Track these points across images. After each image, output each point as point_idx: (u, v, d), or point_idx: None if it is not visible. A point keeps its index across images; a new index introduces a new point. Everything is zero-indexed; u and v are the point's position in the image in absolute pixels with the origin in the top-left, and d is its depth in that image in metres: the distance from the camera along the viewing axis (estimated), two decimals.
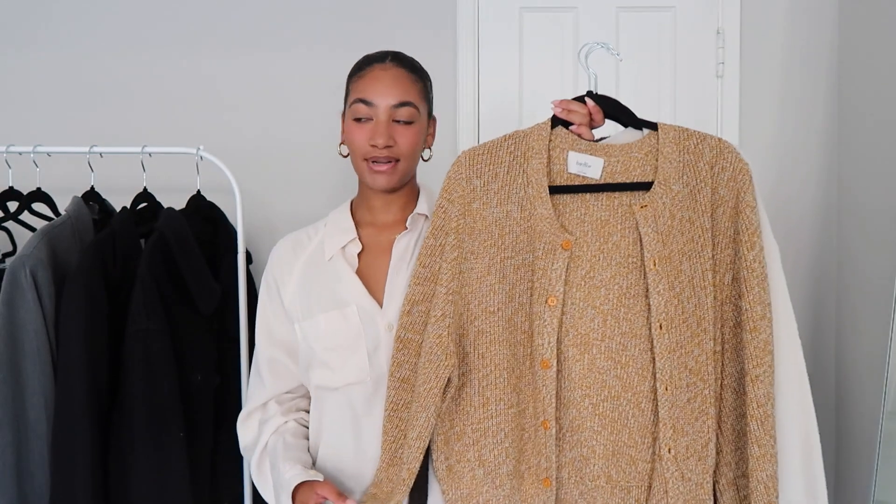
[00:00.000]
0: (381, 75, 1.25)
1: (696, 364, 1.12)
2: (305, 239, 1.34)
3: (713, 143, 1.15)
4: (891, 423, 1.60)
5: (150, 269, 1.48)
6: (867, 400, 1.86)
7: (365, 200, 1.33)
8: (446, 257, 1.17)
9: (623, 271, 1.12)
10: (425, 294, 1.19)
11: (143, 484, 1.43)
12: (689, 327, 1.12)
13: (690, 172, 1.14)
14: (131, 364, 1.45)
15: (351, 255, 1.30)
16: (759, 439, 1.09)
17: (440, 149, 1.41)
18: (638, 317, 1.12)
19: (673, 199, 1.13)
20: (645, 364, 1.12)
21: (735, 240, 1.13)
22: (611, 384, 1.12)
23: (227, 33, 2.07)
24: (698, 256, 1.13)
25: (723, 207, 1.14)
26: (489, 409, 1.17)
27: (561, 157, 1.17)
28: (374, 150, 1.23)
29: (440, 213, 1.19)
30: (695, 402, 1.12)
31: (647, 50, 2.08)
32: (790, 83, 2.09)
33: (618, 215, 1.14)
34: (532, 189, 1.15)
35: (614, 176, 1.15)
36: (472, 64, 2.07)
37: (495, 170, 1.18)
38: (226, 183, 1.62)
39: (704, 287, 1.13)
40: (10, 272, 1.43)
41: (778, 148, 2.10)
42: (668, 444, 1.10)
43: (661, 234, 1.11)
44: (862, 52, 1.96)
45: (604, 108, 1.19)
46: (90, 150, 1.60)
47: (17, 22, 2.06)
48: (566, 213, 1.15)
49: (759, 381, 1.09)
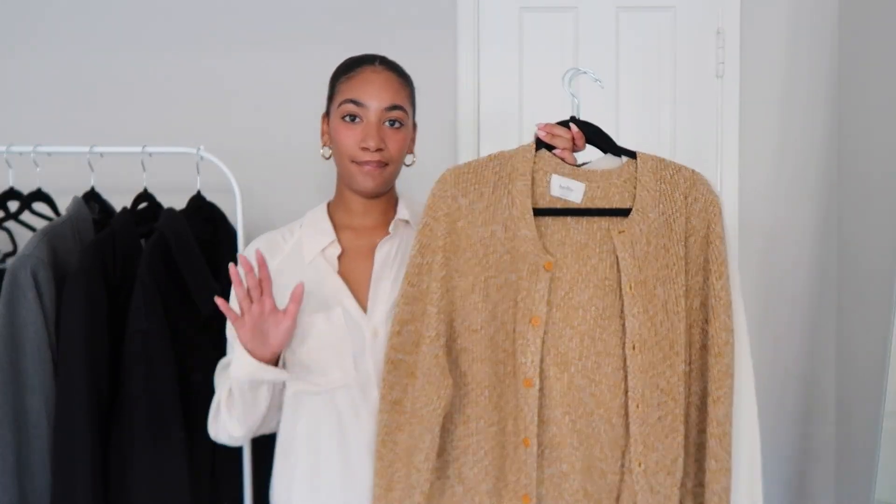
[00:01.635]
0: (373, 77, 1.24)
1: (667, 384, 1.15)
2: (280, 240, 1.32)
3: (687, 175, 1.19)
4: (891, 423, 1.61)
5: (150, 269, 1.48)
6: (867, 400, 1.86)
7: (344, 204, 1.32)
8: (434, 276, 1.17)
9: (600, 293, 1.15)
10: (414, 313, 1.19)
11: (143, 484, 1.43)
12: (661, 349, 1.15)
13: (666, 201, 1.17)
14: (131, 364, 1.45)
15: (331, 257, 1.28)
16: (716, 455, 1.14)
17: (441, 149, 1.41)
18: (612, 337, 1.15)
19: (650, 227, 1.16)
20: (617, 382, 1.15)
21: (705, 268, 1.18)
22: (586, 401, 1.15)
23: (227, 33, 2.07)
24: (672, 282, 1.16)
25: (695, 237, 1.18)
26: (469, 426, 1.18)
27: (544, 179, 1.19)
28: (365, 153, 1.23)
29: (426, 231, 1.19)
30: (665, 419, 1.15)
31: (647, 50, 2.08)
32: (790, 83, 2.09)
33: (597, 239, 1.17)
34: (517, 210, 1.16)
35: (594, 201, 1.18)
36: (472, 64, 2.07)
37: (481, 189, 1.19)
38: (226, 183, 1.62)
39: (677, 312, 1.16)
40: (10, 272, 1.43)
41: (778, 148, 2.10)
42: (639, 458, 1.14)
43: (637, 260, 1.15)
44: (862, 53, 1.96)
45: (586, 133, 1.23)
46: (90, 150, 1.60)
47: (18, 22, 2.06)
48: (548, 234, 1.17)
49: (720, 401, 1.14)
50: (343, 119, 1.25)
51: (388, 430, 1.19)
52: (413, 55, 1.34)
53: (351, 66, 1.28)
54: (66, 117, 2.05)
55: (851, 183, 2.00)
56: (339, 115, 1.25)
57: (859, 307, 1.95)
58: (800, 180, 2.10)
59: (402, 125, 1.26)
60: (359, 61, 1.28)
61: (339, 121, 1.25)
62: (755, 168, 2.09)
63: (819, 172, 2.10)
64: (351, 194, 1.30)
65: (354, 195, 1.29)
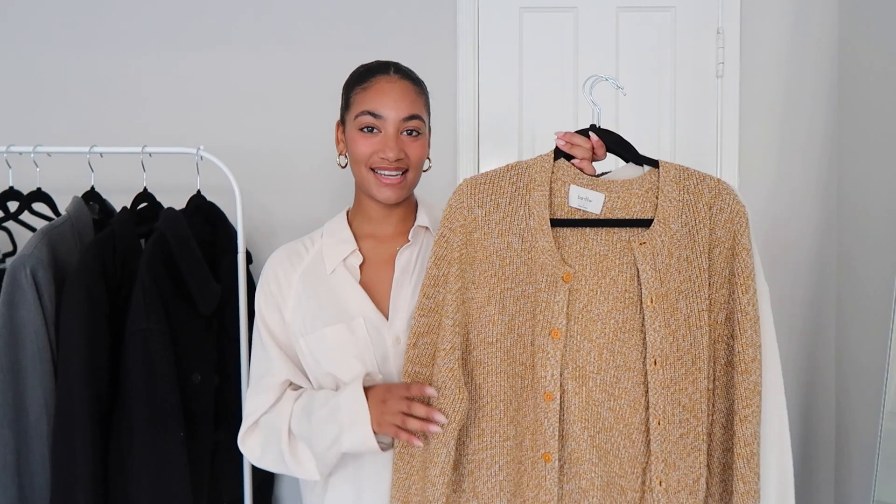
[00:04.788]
0: (388, 88, 1.23)
1: (689, 401, 1.13)
2: (302, 249, 1.32)
3: (712, 184, 1.16)
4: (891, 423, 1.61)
5: (150, 269, 1.48)
6: (867, 400, 1.86)
7: (363, 212, 1.31)
8: (450, 288, 1.16)
9: (619, 306, 1.13)
10: (430, 326, 1.18)
11: (143, 483, 1.43)
12: (683, 364, 1.13)
13: (689, 212, 1.15)
14: (131, 364, 1.45)
15: (353, 266, 1.28)
16: (744, 476, 1.12)
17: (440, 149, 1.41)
18: (632, 351, 1.13)
19: (672, 238, 1.13)
20: (637, 397, 1.13)
21: (730, 281, 1.14)
22: (605, 416, 1.13)
23: (227, 33, 2.07)
24: (695, 296, 1.14)
25: (719, 248, 1.15)
26: (484, 440, 1.17)
27: (562, 189, 1.17)
28: (384, 162, 1.22)
29: (442, 243, 1.18)
30: (687, 437, 1.13)
31: (647, 50, 2.08)
32: (790, 83, 2.09)
33: (616, 250, 1.15)
34: (534, 221, 1.15)
35: (614, 212, 1.16)
36: (472, 64, 2.07)
37: (497, 200, 1.17)
38: (226, 183, 1.62)
39: (700, 326, 1.13)
40: (10, 272, 1.43)
41: (778, 148, 2.10)
42: (660, 476, 1.11)
43: (658, 272, 1.12)
44: (862, 52, 1.96)
45: (606, 142, 1.19)
46: (90, 150, 1.60)
47: (18, 22, 2.06)
48: (566, 246, 1.15)
49: (748, 420, 1.11)
50: (360, 130, 1.23)
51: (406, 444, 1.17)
52: (413, 55, 1.34)
53: (365, 75, 1.26)
54: (66, 117, 2.05)
55: (851, 183, 2.00)
56: (356, 126, 1.24)
57: (859, 307, 1.95)
58: (799, 180, 2.10)
59: (420, 133, 1.25)
60: (373, 70, 1.26)
61: (357, 132, 1.24)
62: (755, 168, 2.09)
63: (819, 172, 2.10)
64: (370, 202, 1.29)
65: (373, 203, 1.28)
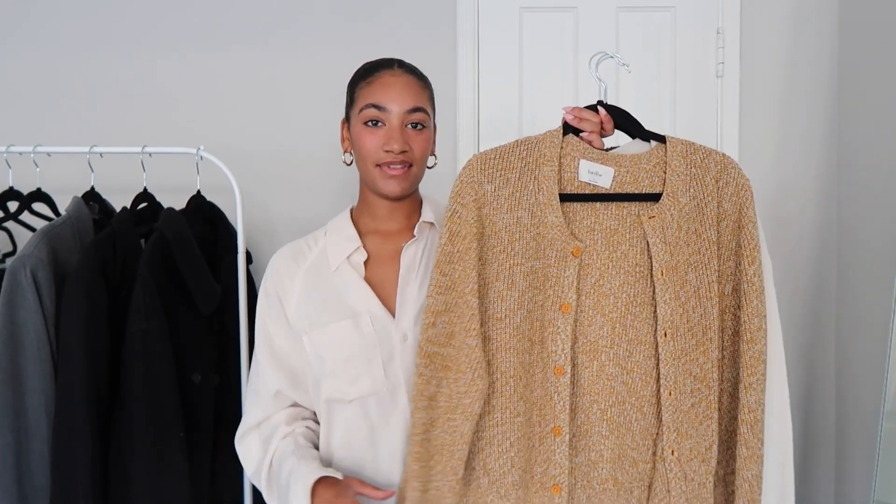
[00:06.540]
0: (393, 81, 1.23)
1: (700, 371, 1.15)
2: (305, 248, 1.31)
3: (718, 159, 1.17)
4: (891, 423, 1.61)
5: (150, 269, 1.48)
6: (867, 400, 1.86)
7: (368, 208, 1.30)
8: (468, 263, 1.15)
9: (631, 280, 1.14)
10: (448, 304, 1.16)
11: (143, 484, 1.43)
12: (693, 335, 1.14)
13: (697, 186, 1.16)
14: (131, 364, 1.45)
15: (357, 263, 1.27)
16: (747, 441, 1.14)
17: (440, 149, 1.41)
18: (644, 324, 1.14)
19: (680, 211, 1.15)
20: (649, 370, 1.14)
21: (737, 252, 1.16)
22: (618, 390, 1.14)
23: (227, 33, 2.07)
24: (704, 267, 1.15)
25: (726, 221, 1.16)
26: (495, 417, 1.16)
27: (572, 164, 1.17)
28: (389, 156, 1.21)
29: (455, 219, 1.17)
30: (699, 406, 1.15)
31: (647, 50, 2.08)
32: (790, 83, 2.09)
33: (626, 225, 1.15)
34: (543, 196, 1.15)
35: (624, 186, 1.16)
36: (472, 64, 2.07)
37: (507, 175, 1.18)
38: (226, 183, 1.62)
39: (710, 297, 1.15)
40: (10, 272, 1.44)
41: (778, 148, 2.10)
42: (672, 446, 1.13)
43: (668, 245, 1.13)
44: (862, 53, 1.96)
45: (614, 118, 1.20)
46: (90, 150, 1.60)
47: (18, 21, 2.06)
48: (576, 220, 1.16)
49: (752, 388, 1.14)
50: (365, 124, 1.23)
51: (426, 429, 1.16)
52: (413, 55, 1.33)
53: (370, 70, 1.26)
54: (66, 117, 2.05)
55: (851, 182, 2.00)
56: (360, 121, 1.24)
57: (859, 307, 1.95)
58: (800, 180, 2.10)
59: (425, 127, 1.25)
60: (377, 66, 1.26)
61: (362, 126, 1.23)
62: (755, 168, 2.08)
63: (819, 172, 2.10)
64: (375, 198, 1.28)
65: (379, 199, 1.28)
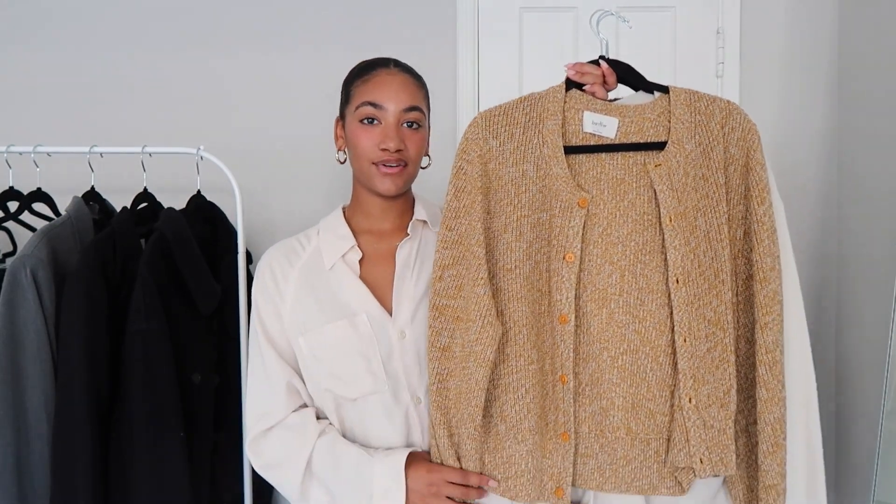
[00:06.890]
0: (389, 80, 1.24)
1: (714, 315, 1.15)
2: (298, 246, 1.31)
3: (723, 105, 1.18)
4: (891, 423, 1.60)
5: (150, 269, 1.48)
6: (867, 400, 1.86)
7: (361, 207, 1.31)
8: (474, 217, 1.17)
9: (639, 228, 1.15)
10: (455, 257, 1.19)
11: (143, 484, 1.43)
12: (706, 280, 1.14)
13: (702, 132, 1.17)
14: (131, 364, 1.45)
15: (352, 262, 1.27)
16: (766, 383, 1.12)
17: (440, 149, 1.41)
18: (654, 272, 1.15)
19: (686, 158, 1.16)
20: (662, 319, 1.14)
21: (746, 196, 1.17)
22: (630, 338, 1.15)
23: (227, 33, 2.07)
24: (713, 211, 1.16)
25: (734, 165, 1.17)
26: (509, 364, 1.18)
27: (576, 117, 1.19)
28: (384, 154, 1.22)
29: (460, 175, 1.19)
30: (715, 351, 1.14)
31: (647, 50, 2.08)
32: (790, 83, 2.09)
33: (633, 174, 1.17)
34: (548, 149, 1.17)
35: (628, 136, 1.18)
36: (472, 64, 2.07)
37: (511, 130, 1.20)
38: (226, 183, 1.62)
39: (721, 240, 1.15)
40: (10, 272, 1.44)
41: (778, 148, 2.10)
42: (689, 393, 1.12)
43: (675, 191, 1.14)
44: (862, 52, 1.96)
45: (616, 71, 1.22)
46: (90, 150, 1.60)
47: (18, 21, 2.06)
48: (582, 172, 1.18)
49: (768, 328, 1.12)
50: (361, 122, 1.23)
51: (441, 378, 1.19)
52: (413, 55, 1.34)
53: (366, 69, 1.27)
54: (66, 117, 2.05)
55: (851, 182, 2.00)
56: (356, 119, 1.24)
57: (859, 307, 1.95)
58: (799, 180, 2.10)
59: (420, 126, 1.26)
60: (373, 64, 1.27)
61: (358, 124, 1.24)
62: None
63: (819, 172, 2.10)
64: (369, 197, 1.29)
65: (372, 198, 1.28)
